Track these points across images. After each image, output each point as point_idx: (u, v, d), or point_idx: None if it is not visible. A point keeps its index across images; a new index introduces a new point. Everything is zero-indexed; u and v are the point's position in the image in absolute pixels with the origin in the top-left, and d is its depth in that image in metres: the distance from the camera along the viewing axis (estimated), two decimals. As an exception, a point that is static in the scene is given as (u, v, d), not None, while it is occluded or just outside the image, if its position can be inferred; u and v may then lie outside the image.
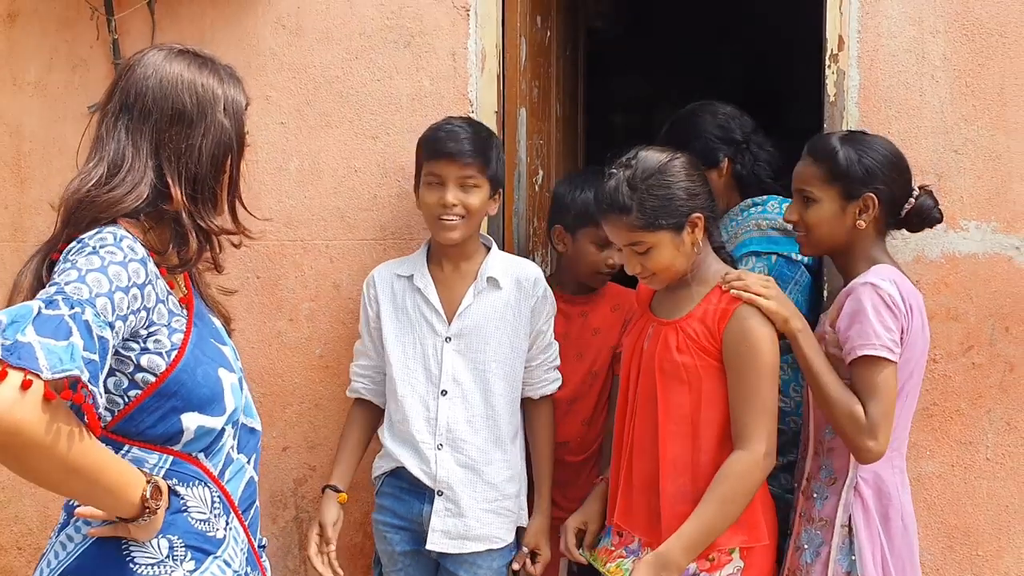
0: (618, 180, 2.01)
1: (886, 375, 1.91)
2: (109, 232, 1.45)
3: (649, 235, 1.99)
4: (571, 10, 3.37)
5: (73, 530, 1.50)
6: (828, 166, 2.02)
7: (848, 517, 1.97)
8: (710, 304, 2.00)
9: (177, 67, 1.55)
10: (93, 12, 2.75)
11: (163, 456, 1.50)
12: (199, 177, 1.53)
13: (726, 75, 4.68)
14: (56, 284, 1.36)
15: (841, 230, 2.03)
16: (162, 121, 1.51)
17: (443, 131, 2.30)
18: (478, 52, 2.58)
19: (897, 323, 1.92)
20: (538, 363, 2.35)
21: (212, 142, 1.54)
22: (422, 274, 2.34)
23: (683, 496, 2.00)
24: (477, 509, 2.26)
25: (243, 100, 1.61)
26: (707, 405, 2.00)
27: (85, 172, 1.51)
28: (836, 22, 2.39)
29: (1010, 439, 2.35)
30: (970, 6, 2.31)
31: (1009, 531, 2.36)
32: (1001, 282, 2.33)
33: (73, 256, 1.41)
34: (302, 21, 2.66)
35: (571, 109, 3.44)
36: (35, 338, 1.27)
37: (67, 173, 2.87)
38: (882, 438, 1.92)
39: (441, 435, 2.27)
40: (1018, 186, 2.31)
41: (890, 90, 2.36)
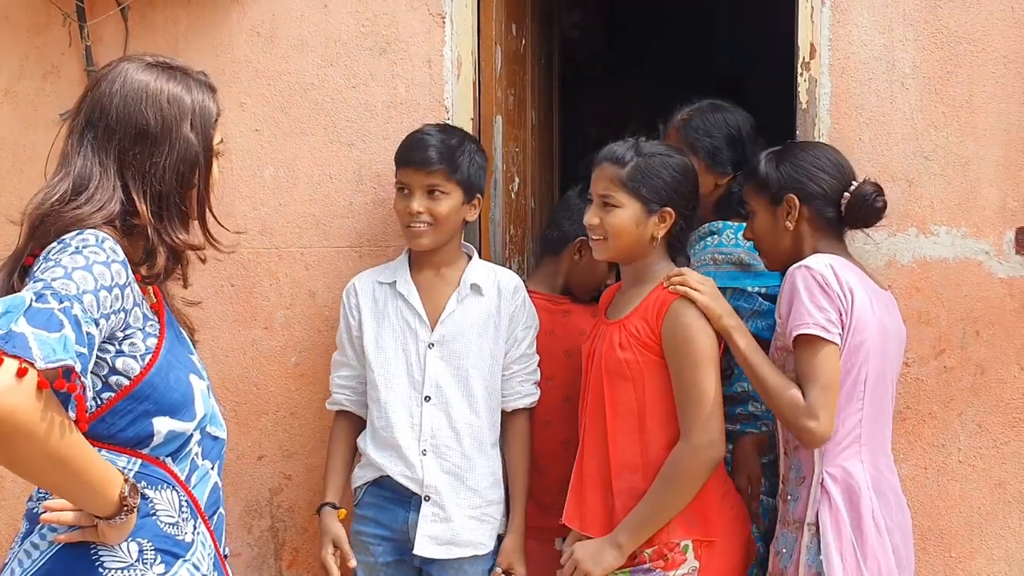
0: (628, 142, 2.12)
1: (823, 354, 1.93)
2: (91, 234, 1.45)
3: (624, 195, 2.07)
4: (546, 20, 3.39)
5: (38, 537, 1.49)
6: (753, 179, 2.14)
7: (815, 515, 1.96)
8: (650, 301, 2.05)
9: (143, 81, 1.53)
10: (65, 18, 2.73)
11: (132, 459, 1.49)
12: (164, 194, 1.53)
13: (699, 87, 4.72)
14: (42, 280, 1.35)
15: (779, 236, 2.10)
16: (126, 140, 1.51)
17: (411, 139, 2.32)
18: (454, 59, 2.58)
19: (832, 303, 1.94)
20: (513, 372, 2.34)
21: (177, 158, 1.53)
22: (405, 280, 2.34)
23: (634, 492, 2.03)
24: (462, 515, 2.25)
25: (214, 110, 1.59)
26: (652, 401, 2.03)
27: (49, 187, 1.51)
28: (808, 30, 2.42)
29: (981, 442, 2.37)
30: (939, 15, 2.35)
31: (981, 533, 2.38)
32: (971, 286, 2.36)
33: (56, 255, 1.41)
34: (276, 28, 2.66)
35: (547, 118, 3.46)
36: (28, 328, 1.28)
37: (39, 181, 2.81)
38: (823, 417, 1.92)
39: (426, 441, 2.27)
40: (987, 191, 2.35)
41: (861, 97, 2.39)
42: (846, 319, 1.95)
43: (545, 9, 3.34)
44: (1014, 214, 2.34)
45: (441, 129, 2.37)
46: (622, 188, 2.07)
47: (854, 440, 1.98)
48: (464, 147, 2.33)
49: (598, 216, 2.09)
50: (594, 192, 2.12)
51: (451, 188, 2.28)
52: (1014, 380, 2.35)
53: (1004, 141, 2.34)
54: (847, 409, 1.97)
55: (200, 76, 1.62)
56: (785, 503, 2.07)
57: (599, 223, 2.09)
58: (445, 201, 2.27)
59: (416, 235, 2.28)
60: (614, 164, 2.09)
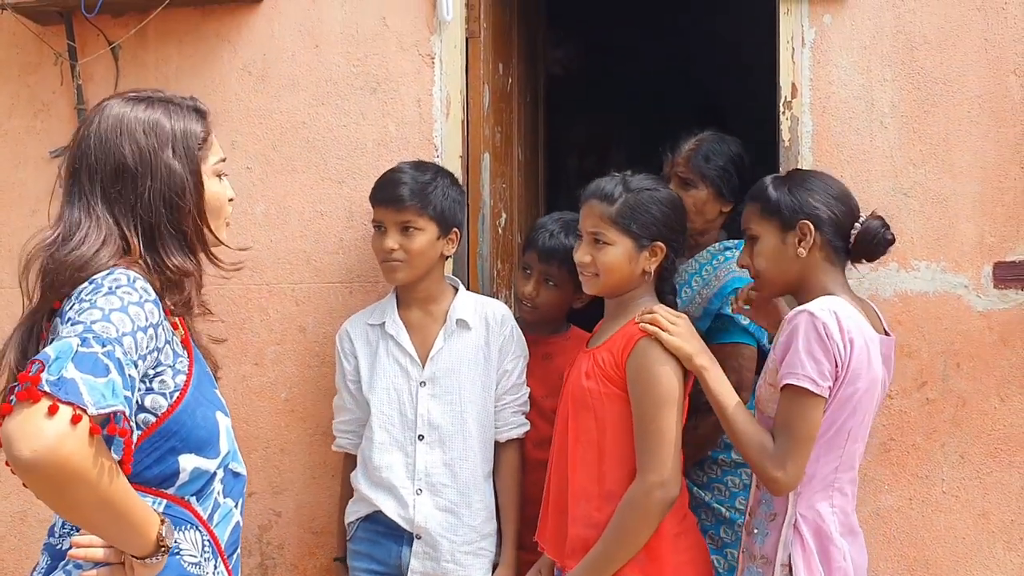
0: (616, 178, 2.12)
1: (805, 407, 1.90)
2: (122, 273, 1.46)
3: (615, 232, 2.07)
4: (532, 58, 3.44)
5: (63, 574, 1.48)
6: (761, 202, 2.05)
7: (788, 556, 1.94)
8: (620, 335, 2.07)
9: (119, 115, 1.54)
10: (57, 57, 2.75)
11: (157, 499, 1.49)
12: (155, 223, 1.53)
13: (677, 118, 4.80)
14: (82, 323, 1.36)
15: (787, 263, 2.02)
16: (107, 177, 1.52)
17: (384, 177, 2.35)
18: (443, 98, 2.63)
19: (829, 355, 1.89)
20: (504, 403, 2.36)
21: (162, 186, 1.53)
22: (393, 320, 2.35)
23: (587, 520, 2.04)
24: (456, 552, 2.26)
25: (199, 131, 1.59)
26: (612, 433, 2.04)
27: (43, 235, 1.53)
28: (789, 70, 2.48)
29: (964, 472, 2.41)
30: (915, 56, 2.42)
31: (967, 563, 2.41)
32: (951, 320, 2.41)
33: (90, 296, 1.41)
34: (268, 68, 2.69)
35: (532, 154, 3.50)
36: (77, 374, 1.29)
37: (28, 219, 2.86)
38: (791, 469, 1.90)
39: (420, 480, 2.28)
40: (965, 227, 2.41)
41: (842, 135, 2.45)
42: (840, 370, 1.92)
43: (530, 48, 3.40)
44: (991, 249, 2.39)
45: (414, 166, 2.38)
46: (612, 225, 2.08)
47: (828, 484, 1.97)
48: (436, 182, 2.34)
49: (589, 254, 2.10)
50: (583, 229, 2.13)
51: (424, 224, 2.29)
52: (994, 411, 2.40)
53: (980, 178, 2.40)
54: (827, 456, 1.96)
55: (185, 101, 1.62)
56: (750, 536, 2.05)
57: (591, 260, 2.10)
58: (419, 237, 2.29)
59: (391, 271, 2.30)
60: (603, 201, 2.10)
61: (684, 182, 2.48)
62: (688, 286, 2.46)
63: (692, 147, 2.49)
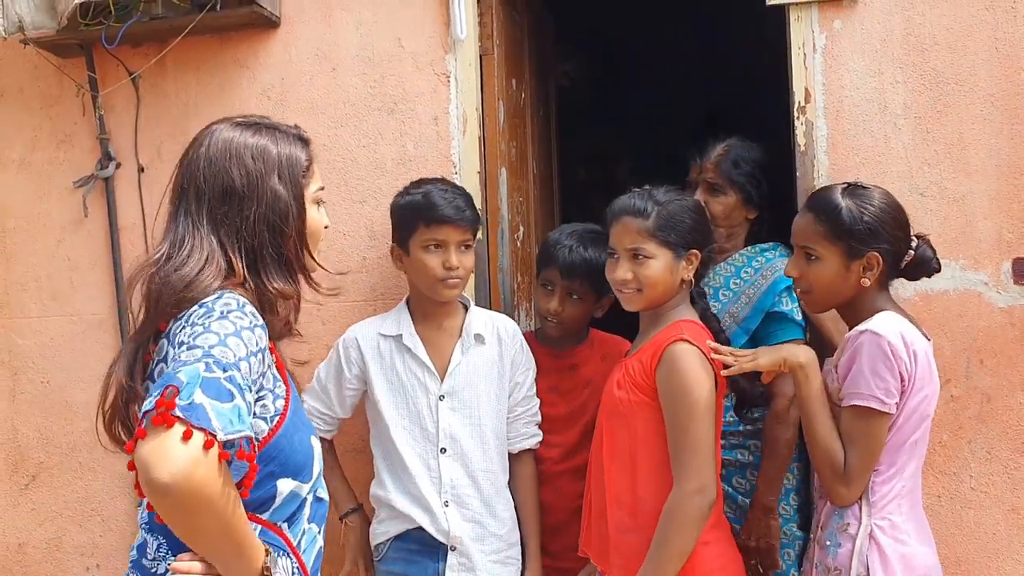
0: (642, 193, 2.14)
1: (872, 426, 1.94)
2: (232, 297, 1.48)
3: (655, 245, 2.09)
4: (543, 73, 3.48)
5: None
6: (832, 224, 2.01)
7: (864, 567, 1.95)
8: (650, 344, 2.09)
9: (228, 140, 1.57)
10: (79, 89, 2.80)
11: (254, 525, 1.49)
12: (257, 247, 1.55)
13: (683, 127, 4.84)
14: (199, 347, 1.37)
15: (845, 288, 2.02)
16: (214, 200, 1.55)
17: (440, 197, 2.32)
18: (460, 116, 2.66)
19: (894, 373, 1.92)
20: (516, 415, 2.39)
21: (267, 210, 1.55)
22: (410, 333, 2.37)
23: (625, 527, 2.07)
24: (487, 561, 2.29)
25: (303, 159, 1.61)
26: (644, 441, 2.06)
27: (151, 253, 1.56)
28: (802, 75, 2.51)
29: (992, 468, 2.42)
30: (926, 57, 2.45)
31: (998, 558, 2.42)
32: (973, 317, 2.43)
33: (202, 320, 1.43)
34: (286, 92, 2.73)
35: (546, 167, 3.53)
36: (205, 399, 1.30)
37: (54, 249, 2.90)
38: (854, 487, 1.96)
39: (446, 492, 2.30)
40: (982, 225, 2.42)
41: (856, 138, 2.48)
42: (907, 384, 1.95)
43: (541, 63, 3.43)
44: (1010, 245, 2.41)
45: (452, 184, 2.43)
46: (651, 239, 2.09)
47: (901, 493, 1.99)
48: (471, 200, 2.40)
49: (631, 271, 2.11)
50: (620, 247, 2.14)
51: (474, 242, 2.36)
52: (1020, 406, 2.41)
53: (996, 176, 2.42)
54: (901, 466, 1.99)
55: (290, 129, 1.65)
56: (823, 549, 2.04)
57: (632, 277, 2.11)
58: (471, 254, 2.36)
59: (450, 288, 2.32)
60: (637, 216, 2.11)
61: (713, 188, 2.50)
62: (726, 289, 2.49)
63: (721, 152, 2.50)
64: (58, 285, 2.91)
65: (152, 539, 1.54)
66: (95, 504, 2.90)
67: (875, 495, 1.97)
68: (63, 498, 2.92)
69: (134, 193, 2.84)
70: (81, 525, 2.91)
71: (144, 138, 2.83)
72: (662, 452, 2.04)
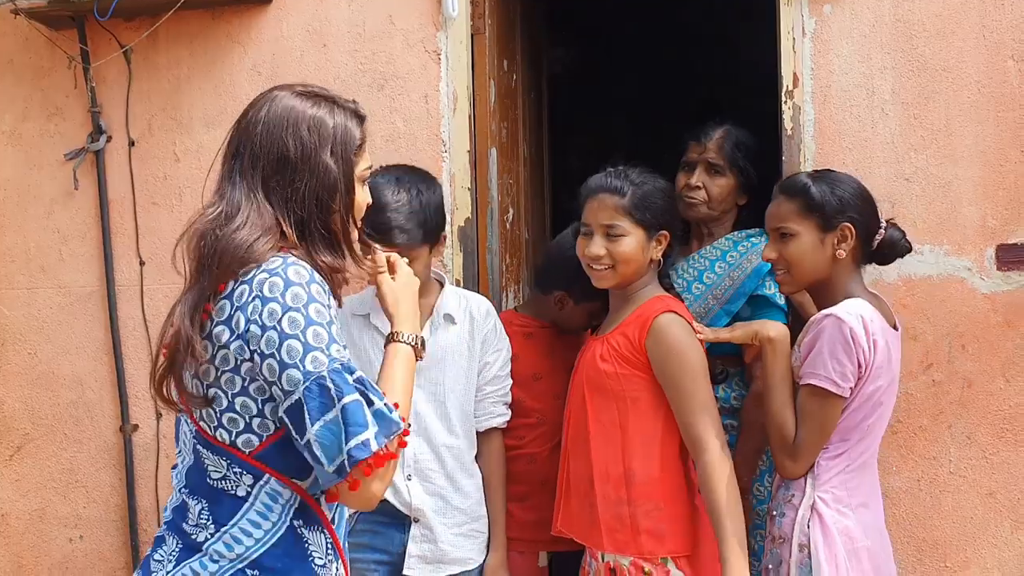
0: (616, 172, 2.17)
1: (825, 406, 1.99)
2: (300, 266, 1.49)
3: (630, 223, 2.12)
4: (535, 56, 3.49)
5: (199, 566, 1.50)
6: (802, 200, 2.06)
7: (805, 535, 2.00)
8: (632, 319, 2.12)
9: (286, 108, 1.56)
10: (70, 61, 2.80)
11: (295, 495, 1.52)
12: (306, 219, 1.55)
13: (680, 116, 4.86)
14: (319, 349, 1.44)
15: (822, 262, 2.06)
16: (268, 167, 1.54)
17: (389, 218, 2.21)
18: (450, 95, 2.67)
19: (852, 358, 1.97)
20: (484, 394, 2.40)
21: (317, 184, 1.54)
22: (378, 312, 2.38)
23: (618, 500, 2.09)
24: (449, 534, 2.32)
25: (357, 136, 1.60)
26: (633, 414, 2.09)
27: (205, 211, 1.55)
28: (790, 60, 2.52)
29: (971, 452, 2.44)
30: (914, 44, 2.46)
31: (975, 542, 2.44)
32: (956, 302, 2.44)
33: (283, 296, 1.45)
34: (277, 67, 2.74)
35: (537, 151, 3.54)
36: (375, 428, 1.46)
37: (44, 220, 2.91)
38: (800, 461, 2.02)
39: (409, 467, 2.33)
40: (967, 211, 2.44)
41: (843, 124, 2.49)
42: (864, 371, 1.99)
43: (534, 45, 3.44)
44: (994, 232, 2.43)
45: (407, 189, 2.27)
46: (627, 216, 2.12)
47: (847, 470, 2.03)
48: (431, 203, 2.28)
49: (604, 247, 2.14)
50: (594, 223, 2.16)
51: (421, 251, 2.27)
52: (1000, 392, 2.43)
53: (981, 162, 2.43)
54: (850, 447, 2.03)
55: (347, 104, 1.64)
56: (772, 519, 2.11)
57: (606, 253, 2.14)
58: (416, 264, 2.20)
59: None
60: (614, 194, 2.14)
61: (714, 168, 2.52)
62: (711, 271, 2.51)
63: (723, 134, 2.53)
64: (47, 257, 2.92)
65: (194, 503, 1.53)
66: (79, 476, 2.91)
67: (820, 469, 2.02)
68: (47, 470, 2.93)
69: (125, 166, 2.84)
70: (65, 496, 2.92)
71: (135, 111, 2.83)
72: (652, 423, 2.09)
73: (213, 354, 1.48)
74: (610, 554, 2.10)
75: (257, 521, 1.50)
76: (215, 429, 1.50)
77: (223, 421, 1.49)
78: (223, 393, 1.48)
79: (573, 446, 2.20)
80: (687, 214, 2.55)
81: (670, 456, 2.11)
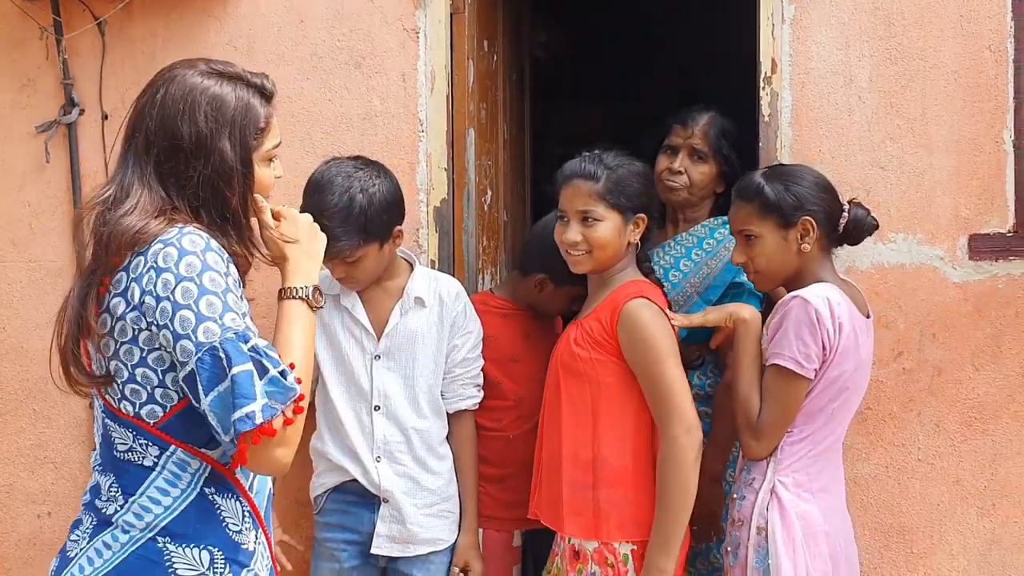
0: (591, 157, 2.17)
1: (789, 386, 2.00)
2: (196, 235, 1.49)
3: (605, 208, 2.12)
4: (516, 37, 3.46)
5: (111, 538, 1.51)
6: (759, 201, 2.09)
7: (763, 519, 2.02)
8: (605, 304, 2.13)
9: (186, 90, 1.53)
10: (42, 32, 2.76)
11: (204, 464, 1.52)
12: (201, 205, 1.54)
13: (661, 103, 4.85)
14: (211, 320, 1.44)
15: (790, 258, 2.08)
16: (161, 153, 1.53)
17: (321, 219, 2.00)
18: (428, 73, 2.65)
19: (817, 340, 1.98)
20: (454, 376, 2.40)
21: (212, 172, 1.53)
22: (348, 292, 2.37)
23: (583, 484, 2.10)
24: (418, 515, 2.32)
25: (260, 116, 1.57)
26: (605, 398, 2.10)
27: (98, 192, 1.55)
28: (769, 46, 2.51)
29: (939, 440, 2.46)
30: (893, 32, 2.46)
31: (940, 529, 2.46)
32: (927, 291, 2.46)
33: (176, 267, 1.45)
34: (254, 42, 2.71)
35: (518, 134, 3.52)
36: (263, 399, 1.46)
37: (15, 194, 2.87)
38: (764, 441, 2.03)
39: (379, 448, 2.33)
40: (941, 200, 2.45)
41: (821, 111, 2.49)
42: (829, 354, 2.00)
43: (515, 27, 3.42)
44: (967, 221, 2.44)
45: (340, 193, 2.20)
46: (601, 202, 2.13)
47: (809, 455, 2.05)
48: (369, 210, 2.20)
49: (580, 233, 2.14)
50: (569, 209, 2.16)
51: (367, 251, 2.23)
52: (969, 380, 2.45)
53: (956, 152, 2.44)
54: (814, 431, 2.05)
55: (254, 79, 1.59)
56: (733, 502, 2.12)
57: (582, 239, 2.14)
58: (364, 262, 2.25)
59: (349, 286, 2.32)
60: (588, 180, 2.15)
61: (697, 155, 2.53)
62: (688, 259, 2.52)
63: (708, 121, 2.54)
64: (18, 231, 2.88)
65: (104, 479, 1.54)
66: (48, 451, 2.89)
67: (783, 453, 2.04)
68: (16, 445, 2.90)
69: (97, 140, 2.81)
70: (33, 472, 2.90)
71: (109, 85, 2.79)
72: (623, 407, 2.10)
73: (112, 327, 1.48)
74: (575, 538, 2.11)
75: (165, 489, 1.50)
76: (119, 401, 1.50)
77: (126, 393, 1.49)
78: (123, 365, 1.49)
79: (547, 431, 2.21)
80: (666, 197, 2.55)
81: (642, 443, 2.12)
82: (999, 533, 2.44)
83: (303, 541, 2.58)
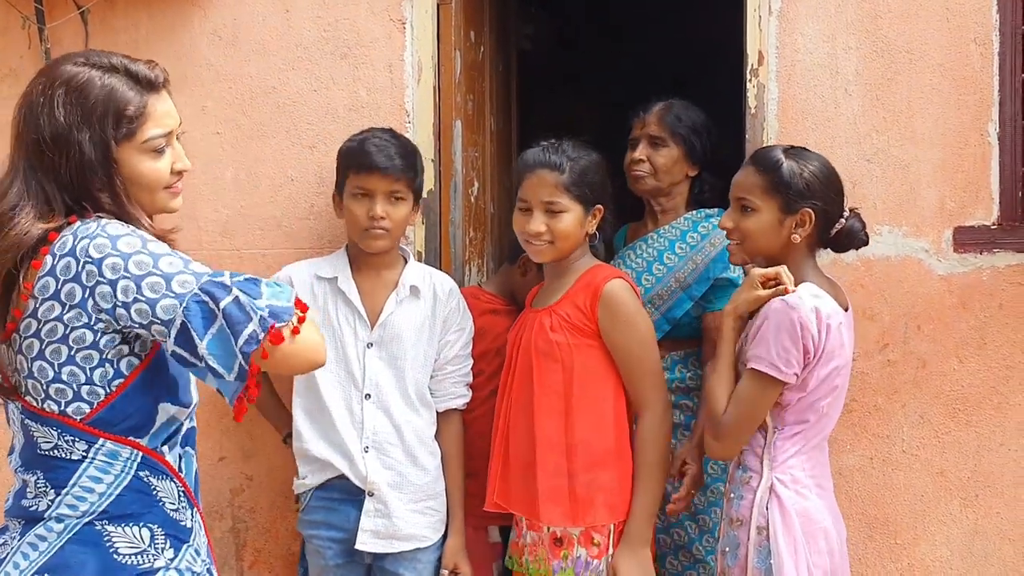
0: (553, 148, 2.20)
1: (761, 390, 1.98)
2: (119, 222, 1.50)
3: (568, 199, 2.16)
4: (503, 30, 3.45)
5: (44, 530, 1.50)
6: (772, 177, 2.03)
7: (764, 518, 2.00)
8: (579, 289, 2.16)
9: (52, 85, 1.50)
10: (24, 21, 2.73)
11: (134, 451, 1.52)
12: (75, 199, 1.51)
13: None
14: (158, 274, 1.44)
15: (776, 242, 2.05)
16: (29, 148, 1.51)
17: (372, 144, 2.32)
18: (414, 64, 2.64)
19: (798, 345, 1.95)
20: (445, 373, 2.39)
21: (74, 167, 1.49)
22: (346, 278, 2.36)
23: (558, 470, 2.12)
24: (404, 510, 2.30)
25: (131, 105, 1.51)
26: (580, 383, 2.13)
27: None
28: (756, 38, 2.51)
29: (923, 432, 2.47)
30: (879, 25, 2.46)
31: (924, 520, 2.48)
32: (912, 283, 2.46)
33: (114, 245, 1.45)
34: (238, 32, 2.69)
35: (505, 125, 3.51)
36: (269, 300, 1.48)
37: (-5, 183, 2.84)
38: (726, 442, 2.03)
39: (368, 438, 2.31)
40: (926, 193, 2.46)
41: (807, 103, 2.49)
42: (813, 357, 1.97)
43: (502, 19, 3.41)
44: (952, 214, 2.45)
45: (394, 135, 2.40)
46: (566, 193, 2.15)
47: (803, 452, 2.05)
48: (417, 154, 2.39)
49: (544, 223, 2.16)
50: (533, 200, 2.18)
51: (408, 194, 2.33)
52: (953, 372, 2.46)
53: (942, 145, 2.45)
54: (806, 428, 2.04)
55: (134, 68, 1.54)
56: (729, 501, 2.10)
57: (546, 229, 2.16)
58: (403, 207, 2.33)
59: (375, 238, 2.31)
60: (553, 171, 2.17)
61: (655, 141, 2.54)
62: (671, 252, 2.52)
63: (663, 108, 2.56)
64: (0, 222, 2.86)
65: (30, 476, 1.53)
66: None
67: (776, 451, 2.03)
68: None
69: (80, 131, 2.78)
70: None
71: (92, 75, 2.77)
72: (602, 390, 2.13)
73: (38, 329, 1.47)
74: (557, 526, 2.11)
75: (99, 477, 1.50)
76: (43, 401, 1.49)
77: (50, 392, 1.49)
78: (48, 365, 1.48)
79: (516, 420, 2.20)
80: (635, 187, 2.58)
81: (621, 424, 2.14)
82: (982, 524, 2.46)
83: (291, 535, 2.59)
